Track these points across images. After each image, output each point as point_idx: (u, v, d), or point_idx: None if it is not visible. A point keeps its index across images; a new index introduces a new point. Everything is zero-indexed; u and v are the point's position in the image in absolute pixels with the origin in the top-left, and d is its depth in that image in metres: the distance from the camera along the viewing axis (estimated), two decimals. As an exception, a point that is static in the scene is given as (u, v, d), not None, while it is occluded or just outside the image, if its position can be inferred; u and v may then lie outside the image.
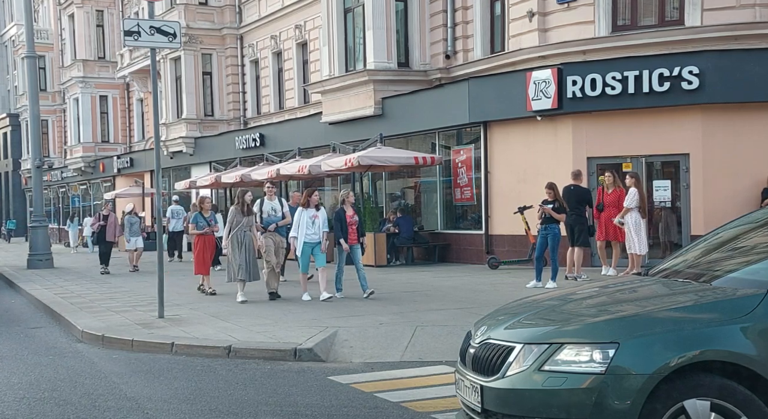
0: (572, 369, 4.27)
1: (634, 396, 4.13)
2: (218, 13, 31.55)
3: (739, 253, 5.12)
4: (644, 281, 5.44)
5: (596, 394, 4.16)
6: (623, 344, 4.23)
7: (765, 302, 4.29)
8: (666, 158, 15.87)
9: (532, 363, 4.38)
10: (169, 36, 10.72)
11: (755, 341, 4.22)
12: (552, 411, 4.28)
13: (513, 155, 17.59)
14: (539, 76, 16.37)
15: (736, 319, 4.28)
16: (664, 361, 4.17)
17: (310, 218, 12.46)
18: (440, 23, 20.77)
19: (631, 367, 4.18)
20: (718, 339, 4.25)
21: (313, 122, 24.15)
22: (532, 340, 4.49)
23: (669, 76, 15.02)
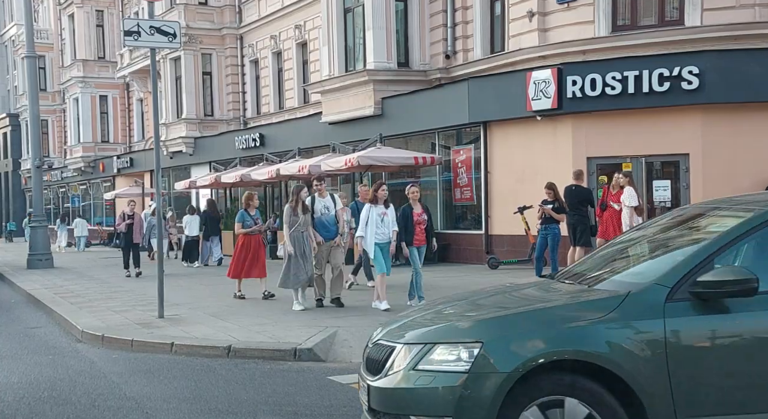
0: (441, 368, 4.39)
1: (494, 393, 4.25)
2: (218, 13, 31.56)
3: (636, 255, 5.12)
4: (537, 284, 5.63)
5: (459, 391, 4.29)
6: (486, 343, 4.35)
7: (623, 304, 4.38)
8: (666, 158, 15.87)
9: (409, 363, 4.50)
10: (168, 36, 10.71)
11: (612, 341, 4.30)
12: (422, 408, 4.41)
13: (513, 155, 17.59)
14: (539, 76, 16.37)
15: (596, 320, 4.37)
16: (523, 359, 4.28)
17: (378, 215, 11.12)
18: (440, 23, 20.77)
19: (492, 365, 4.30)
20: (577, 338, 4.35)
21: (313, 122, 24.14)
22: (411, 340, 4.61)
23: (669, 76, 15.03)
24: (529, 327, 4.49)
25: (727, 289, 4.24)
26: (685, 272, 4.40)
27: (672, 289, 4.36)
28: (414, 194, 11.70)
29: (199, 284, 16.75)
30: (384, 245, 11.20)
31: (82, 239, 34.91)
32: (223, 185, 27.00)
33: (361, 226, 11.26)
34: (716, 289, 4.26)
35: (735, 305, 4.32)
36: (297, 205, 11.61)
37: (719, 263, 4.44)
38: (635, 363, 4.26)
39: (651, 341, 4.28)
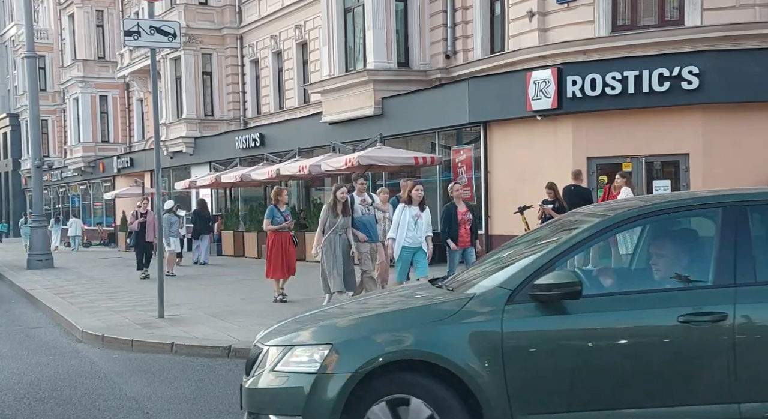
0: (295, 369, 4.60)
1: (338, 392, 4.42)
2: (218, 13, 31.55)
3: (507, 260, 5.19)
4: (412, 288, 5.87)
5: (308, 391, 4.48)
6: (335, 345, 4.55)
7: (466, 307, 4.56)
8: (666, 158, 15.86)
9: (271, 364, 4.70)
10: (169, 36, 10.72)
11: (450, 342, 4.47)
12: (276, 407, 4.62)
13: (513, 155, 17.58)
14: (539, 76, 16.36)
15: (439, 322, 4.56)
16: (365, 360, 4.45)
17: (412, 217, 10.41)
18: (440, 23, 20.77)
19: (338, 366, 4.49)
20: (418, 339, 4.53)
21: (313, 121, 24.14)
22: (276, 343, 4.83)
23: (669, 76, 15.01)
24: (376, 328, 4.70)
25: (556, 292, 4.41)
26: (525, 276, 4.56)
27: (513, 292, 4.52)
28: (458, 192, 11.06)
29: (200, 284, 16.76)
30: (414, 250, 10.42)
31: (75, 238, 35.07)
32: (223, 185, 27.03)
33: (393, 227, 10.59)
34: (547, 292, 4.42)
35: (570, 306, 4.47)
36: (336, 205, 10.88)
37: (562, 267, 4.60)
38: (472, 363, 4.41)
39: (488, 342, 4.44)
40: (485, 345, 4.44)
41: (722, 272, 4.47)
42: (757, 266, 4.48)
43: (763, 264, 4.52)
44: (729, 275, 4.45)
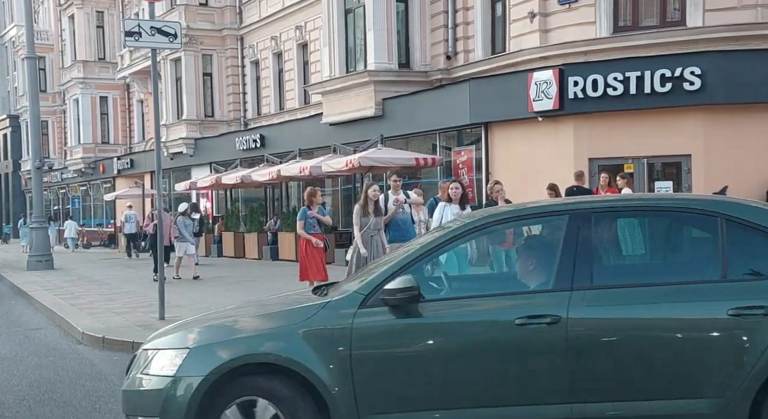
0: (157, 373, 4.77)
1: (191, 395, 4.58)
2: (218, 13, 31.53)
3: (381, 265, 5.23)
4: (297, 294, 6.04)
5: (165, 394, 4.64)
6: (192, 349, 4.75)
7: (321, 311, 4.72)
8: (668, 159, 15.83)
9: (139, 367, 4.90)
10: (169, 36, 10.67)
11: (300, 345, 4.62)
12: (140, 409, 4.82)
13: (514, 156, 17.54)
14: (541, 77, 16.33)
15: (293, 326, 4.72)
16: (217, 364, 4.62)
17: (454, 215, 9.96)
18: (441, 24, 20.73)
19: (192, 370, 4.65)
20: (270, 343, 4.71)
21: (314, 122, 24.10)
22: (147, 346, 5.04)
23: (671, 76, 14.97)
24: (232, 333, 4.91)
25: (398, 296, 4.54)
26: (379, 281, 4.68)
27: (366, 297, 4.66)
28: (497, 192, 10.54)
29: (201, 285, 16.72)
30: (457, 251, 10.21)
31: (70, 240, 35.18)
32: (223, 186, 27.00)
33: (433, 227, 9.99)
34: (391, 296, 4.56)
35: (417, 310, 4.60)
36: (367, 204, 10.43)
37: (415, 272, 4.70)
38: (320, 365, 4.55)
39: (337, 345, 4.58)
40: (334, 348, 4.57)
41: (561, 276, 4.57)
42: (594, 271, 4.59)
43: (600, 269, 4.67)
44: (567, 280, 4.54)
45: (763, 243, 4.52)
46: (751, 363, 4.19)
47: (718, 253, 4.56)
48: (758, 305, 4.24)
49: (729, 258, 4.52)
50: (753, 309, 4.23)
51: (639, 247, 5.16)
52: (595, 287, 4.54)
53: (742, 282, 4.46)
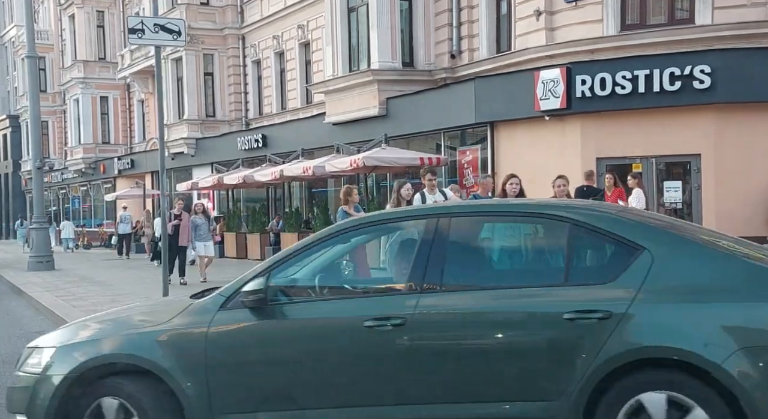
0: (29, 370, 4.98)
1: (52, 393, 4.77)
2: (220, 13, 31.33)
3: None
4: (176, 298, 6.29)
5: (31, 392, 4.86)
6: (58, 348, 4.95)
7: (183, 313, 4.90)
8: (677, 159, 15.64)
9: (18, 365, 5.12)
10: (173, 34, 10.52)
11: (159, 346, 4.78)
12: (12, 406, 5.03)
13: (520, 155, 17.34)
14: (548, 76, 16.14)
15: (154, 326, 4.92)
16: (78, 363, 4.80)
17: None
18: (445, 22, 20.54)
19: (55, 368, 4.84)
20: (130, 344, 4.85)
21: (316, 122, 23.92)
22: (30, 345, 5.23)
23: (680, 75, 14.77)
24: (98, 333, 5.11)
25: (249, 299, 4.68)
26: (240, 284, 4.79)
27: (227, 299, 4.79)
28: (560, 189, 9.87)
29: (206, 286, 16.50)
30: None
31: (67, 241, 35.11)
32: (225, 187, 26.81)
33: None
34: (244, 299, 4.70)
35: (271, 312, 4.73)
36: (399, 204, 9.77)
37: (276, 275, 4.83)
38: (176, 365, 4.69)
39: (194, 345, 4.71)
40: (192, 349, 4.71)
41: (413, 279, 4.67)
42: (445, 274, 4.64)
43: (451, 272, 4.70)
44: (418, 283, 4.63)
45: (606, 249, 4.59)
46: (585, 367, 4.20)
47: (564, 258, 4.65)
48: (593, 309, 4.24)
49: (573, 263, 4.62)
50: (588, 313, 4.23)
51: (492, 251, 5.19)
52: (444, 289, 4.63)
53: (581, 287, 4.44)
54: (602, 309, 4.22)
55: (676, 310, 4.18)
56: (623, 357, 4.15)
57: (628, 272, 4.33)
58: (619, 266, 4.39)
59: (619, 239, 4.46)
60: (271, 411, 4.66)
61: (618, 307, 4.21)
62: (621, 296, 4.24)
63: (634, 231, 4.48)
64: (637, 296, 4.22)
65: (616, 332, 4.17)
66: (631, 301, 4.21)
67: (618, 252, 4.48)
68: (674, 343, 4.10)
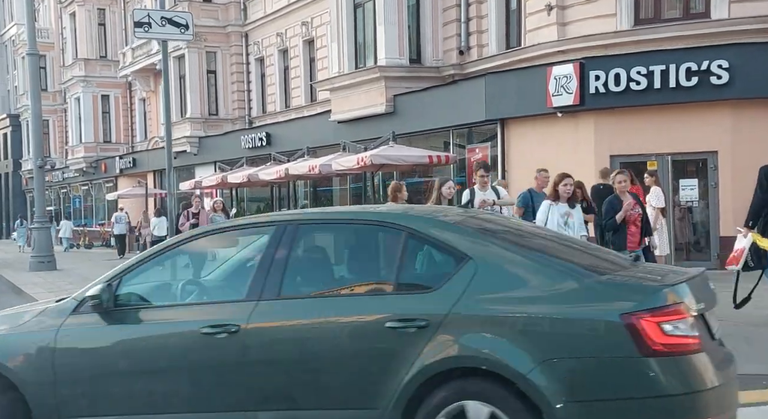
0: None
1: None
2: (222, 10, 31.02)
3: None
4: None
5: None
6: None
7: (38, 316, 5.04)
8: (693, 156, 15.29)
9: None
10: (181, 27, 10.22)
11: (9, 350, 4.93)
12: None
13: (531, 153, 16.97)
14: (560, 72, 15.81)
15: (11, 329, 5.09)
16: None
17: (561, 216, 8.78)
18: (453, 18, 20.21)
19: None
20: None
21: (321, 120, 23.60)
22: None
23: (697, 70, 14.46)
24: None
25: (90, 303, 4.78)
26: (90, 287, 4.91)
27: (80, 303, 4.89)
28: (621, 185, 9.20)
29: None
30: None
31: (64, 240, 34.85)
32: (229, 185, 26.46)
33: None
34: (87, 303, 4.81)
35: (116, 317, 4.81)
36: (439, 203, 9.02)
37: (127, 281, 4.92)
38: (27, 369, 4.82)
39: (44, 349, 4.83)
40: (41, 353, 4.81)
41: (253, 287, 4.68)
42: (284, 283, 4.67)
43: (290, 281, 4.74)
44: (257, 291, 4.64)
45: (435, 257, 4.61)
46: (403, 375, 4.19)
47: (396, 266, 4.64)
48: (413, 317, 4.22)
49: (403, 271, 4.61)
50: (408, 322, 4.22)
51: (329, 259, 5.17)
52: (280, 298, 4.64)
53: (408, 295, 4.46)
54: (421, 318, 4.20)
55: (490, 320, 4.14)
56: (437, 366, 4.14)
57: (452, 281, 4.30)
58: (445, 275, 4.37)
59: (448, 248, 4.44)
60: (115, 415, 4.76)
61: (436, 316, 4.19)
62: (441, 305, 4.22)
63: (461, 240, 4.45)
64: (456, 306, 4.19)
65: (432, 341, 4.16)
66: (450, 310, 4.18)
67: (446, 261, 4.47)
68: (484, 353, 4.09)
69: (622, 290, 4.16)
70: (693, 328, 3.99)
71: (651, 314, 3.89)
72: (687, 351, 3.94)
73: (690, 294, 4.12)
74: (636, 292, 4.14)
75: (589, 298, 4.07)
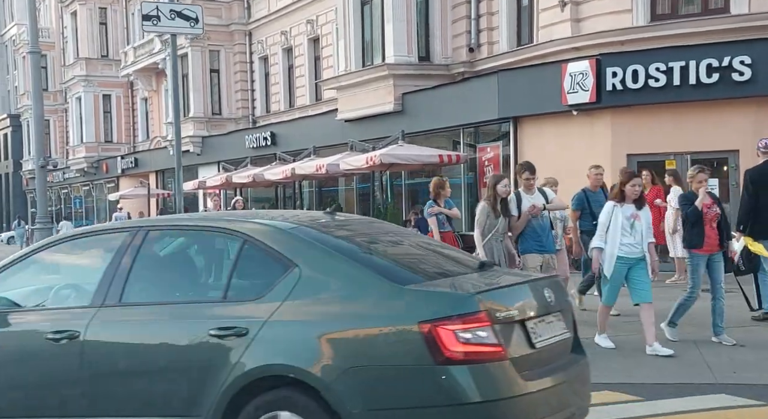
0: None
1: None
2: (226, 8, 30.65)
3: None
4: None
5: None
6: None
7: None
8: (713, 155, 14.83)
9: None
10: (191, 20, 9.82)
11: None
12: None
13: (545, 152, 16.55)
14: (576, 68, 15.42)
15: None
16: None
17: (627, 218, 7.92)
18: (463, 15, 19.81)
19: None
20: None
21: (326, 119, 23.23)
22: None
23: (718, 66, 14.04)
24: None
25: None
26: None
27: None
28: (700, 182, 8.52)
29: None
30: (632, 262, 7.89)
31: None
32: (233, 186, 26.07)
33: (599, 233, 8.04)
34: None
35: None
36: (495, 202, 8.41)
37: None
38: None
39: None
40: None
41: (99, 293, 4.72)
42: (126, 289, 4.70)
43: (132, 287, 4.73)
44: (101, 297, 4.70)
45: (266, 265, 4.50)
46: (221, 383, 4.20)
47: (228, 274, 4.63)
48: (233, 326, 4.23)
49: (235, 279, 4.58)
50: (229, 330, 4.23)
51: (170, 267, 5.17)
52: (121, 304, 4.67)
53: (235, 303, 4.45)
54: (241, 326, 4.21)
55: (302, 328, 4.15)
56: (250, 375, 4.15)
57: (276, 288, 4.30)
58: (271, 283, 4.35)
59: (278, 255, 4.42)
60: None
61: (255, 324, 4.19)
62: (261, 313, 4.22)
63: (291, 247, 4.44)
64: (275, 314, 4.19)
65: (249, 349, 4.17)
66: (268, 318, 4.19)
67: (275, 268, 4.42)
68: (292, 361, 4.08)
69: (428, 298, 4.08)
70: (496, 336, 3.92)
71: (448, 321, 3.86)
72: (486, 359, 3.89)
73: (499, 302, 4.11)
74: (438, 300, 4.07)
75: (394, 306, 4.05)
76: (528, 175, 8.78)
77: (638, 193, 8.02)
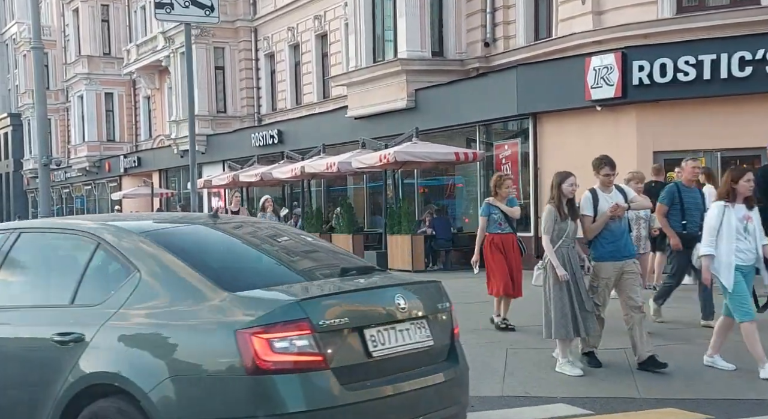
0: None
1: None
2: (231, 4, 30.05)
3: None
4: None
5: None
6: None
7: None
8: (745, 153, 14.29)
9: None
10: (206, 9, 9.24)
11: None
12: None
13: (567, 149, 16.00)
14: (600, 62, 14.86)
15: None
16: None
17: (740, 220, 6.95)
18: (478, 8, 19.25)
19: None
20: None
21: (335, 116, 22.68)
22: None
23: (751, 59, 13.50)
24: None
25: None
26: None
27: None
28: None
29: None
30: (747, 270, 6.94)
31: None
32: (240, 184, 25.48)
33: (708, 238, 6.99)
34: None
35: None
36: (560, 202, 7.47)
37: None
38: None
39: None
40: None
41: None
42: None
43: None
44: None
45: (113, 269, 4.41)
46: (58, 389, 4.14)
47: (79, 278, 4.50)
48: (70, 331, 4.18)
49: (84, 283, 4.47)
50: (67, 336, 4.17)
51: (25, 269, 5.02)
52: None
53: (79, 308, 4.36)
54: (77, 332, 4.15)
55: (131, 336, 4.07)
56: (80, 383, 4.07)
57: (116, 294, 4.23)
58: (113, 288, 4.28)
59: (124, 260, 4.34)
60: None
61: (90, 330, 4.13)
62: (98, 319, 4.15)
63: (136, 252, 4.33)
64: (110, 320, 4.12)
65: (84, 356, 4.10)
66: (103, 324, 4.12)
67: (120, 273, 4.33)
68: (117, 369, 4.00)
69: (249, 305, 3.91)
70: (317, 345, 3.79)
71: (263, 330, 3.75)
72: (302, 369, 3.77)
73: (326, 309, 3.92)
74: (258, 307, 3.89)
75: (217, 313, 3.92)
76: (608, 171, 7.74)
77: (750, 190, 7.08)
